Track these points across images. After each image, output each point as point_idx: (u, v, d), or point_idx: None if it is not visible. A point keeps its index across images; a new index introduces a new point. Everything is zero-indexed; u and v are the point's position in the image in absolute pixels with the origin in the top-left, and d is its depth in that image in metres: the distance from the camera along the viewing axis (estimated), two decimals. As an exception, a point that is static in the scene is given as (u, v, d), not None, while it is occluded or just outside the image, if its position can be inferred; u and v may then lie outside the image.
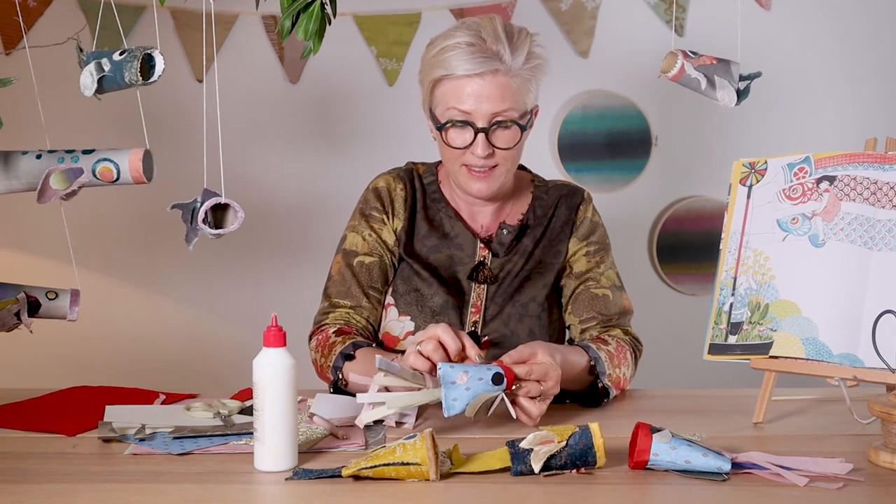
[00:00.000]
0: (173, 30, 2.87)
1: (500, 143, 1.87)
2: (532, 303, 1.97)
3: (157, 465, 1.50)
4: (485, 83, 1.83)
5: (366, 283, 1.97)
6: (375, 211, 2.00)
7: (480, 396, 1.55)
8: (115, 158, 1.63)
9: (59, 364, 2.91)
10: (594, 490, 1.40)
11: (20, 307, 1.74)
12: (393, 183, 2.02)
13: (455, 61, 1.83)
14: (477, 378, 1.56)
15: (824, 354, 1.59)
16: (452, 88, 1.86)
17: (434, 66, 1.87)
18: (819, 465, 1.45)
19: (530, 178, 2.07)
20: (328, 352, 1.88)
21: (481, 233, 2.00)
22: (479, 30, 1.85)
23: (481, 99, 1.84)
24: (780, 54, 2.98)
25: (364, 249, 1.99)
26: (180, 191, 1.85)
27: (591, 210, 2.04)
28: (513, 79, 1.84)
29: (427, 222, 2.00)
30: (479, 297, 1.96)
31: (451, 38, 1.85)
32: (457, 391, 1.56)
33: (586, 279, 1.98)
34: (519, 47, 1.85)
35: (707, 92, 1.68)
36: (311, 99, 2.97)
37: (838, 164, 1.67)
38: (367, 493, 1.38)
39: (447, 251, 1.98)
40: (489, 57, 1.82)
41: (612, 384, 1.82)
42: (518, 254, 1.99)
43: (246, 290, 3.01)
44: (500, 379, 1.57)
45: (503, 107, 1.85)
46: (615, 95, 2.98)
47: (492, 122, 1.85)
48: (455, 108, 1.86)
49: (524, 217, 2.01)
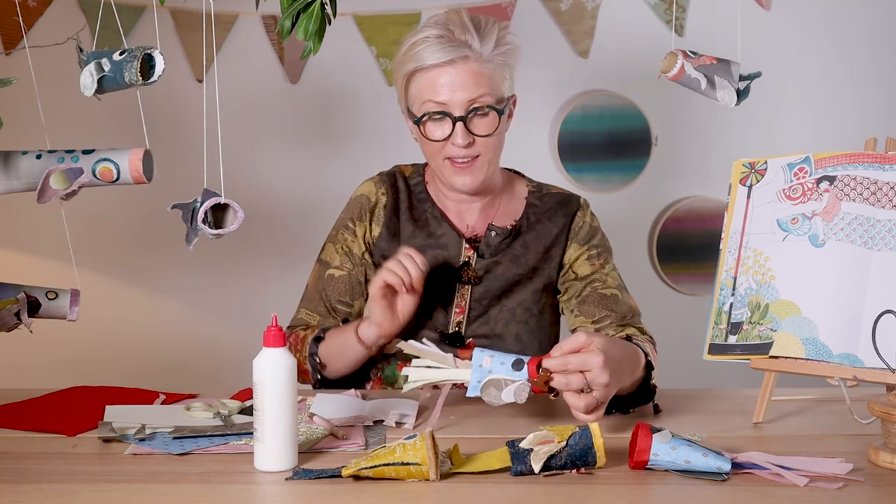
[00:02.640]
0: (173, 30, 2.87)
1: (479, 131, 1.87)
2: (520, 308, 1.97)
3: (157, 465, 1.50)
4: (457, 72, 1.84)
5: (334, 296, 2.00)
6: (350, 222, 2.03)
7: (492, 378, 1.55)
8: (115, 158, 1.63)
9: (59, 364, 2.91)
10: (594, 490, 1.40)
11: (20, 307, 1.74)
12: (374, 189, 2.03)
13: (425, 53, 1.85)
14: (499, 363, 1.57)
15: (824, 354, 1.59)
16: (426, 81, 1.87)
17: (405, 62, 1.89)
18: (819, 465, 1.45)
19: (525, 182, 2.06)
20: (301, 345, 1.92)
21: (467, 233, 2.00)
22: (446, 23, 1.87)
23: (455, 87, 1.85)
24: (780, 54, 2.98)
25: (335, 263, 2.02)
26: (180, 191, 1.85)
27: (589, 215, 2.04)
28: (485, 65, 1.85)
29: (412, 223, 2.00)
30: (463, 297, 1.96)
31: (420, 34, 1.88)
32: (481, 373, 1.57)
33: (592, 280, 1.98)
34: (487, 35, 1.86)
35: (707, 92, 1.68)
36: (311, 99, 2.97)
37: (838, 164, 1.67)
38: (367, 493, 1.38)
39: (432, 251, 1.98)
40: (458, 45, 1.84)
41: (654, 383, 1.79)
42: (508, 258, 1.98)
43: (246, 290, 3.01)
44: (520, 365, 1.56)
45: (478, 93, 1.85)
46: (615, 95, 2.98)
47: (468, 109, 1.86)
48: (430, 100, 1.87)
49: (517, 223, 2.00)
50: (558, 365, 1.55)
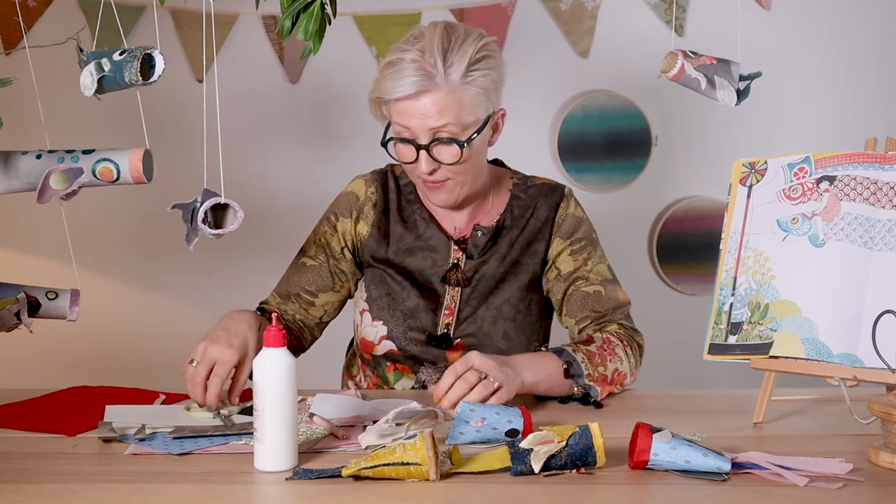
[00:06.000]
0: (173, 30, 2.87)
1: (443, 158, 1.86)
2: (506, 305, 1.96)
3: (157, 465, 1.50)
4: (421, 103, 1.82)
5: (298, 284, 2.02)
6: (333, 216, 2.03)
7: (419, 412, 1.62)
8: (115, 158, 1.63)
9: (59, 364, 2.91)
10: (594, 490, 1.40)
11: (20, 307, 1.74)
12: (365, 186, 2.03)
13: (390, 82, 1.82)
14: (491, 428, 1.56)
15: (824, 354, 1.59)
16: (394, 107, 1.85)
17: (376, 85, 1.87)
18: (819, 465, 1.45)
19: (510, 175, 2.05)
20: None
21: (455, 234, 1.99)
22: (422, 44, 1.83)
23: (418, 116, 1.82)
24: (780, 54, 2.98)
25: (310, 252, 2.03)
26: (180, 191, 1.85)
27: (573, 205, 2.02)
28: (451, 94, 1.81)
29: (402, 224, 2.00)
30: (452, 299, 1.96)
31: (397, 53, 1.84)
32: (466, 428, 1.57)
33: (575, 279, 1.97)
34: (457, 60, 1.81)
35: (707, 92, 1.68)
36: (311, 99, 2.97)
37: (838, 164, 1.67)
38: (367, 493, 1.38)
39: (421, 253, 1.98)
40: (424, 75, 1.80)
41: (596, 383, 1.80)
42: (493, 256, 1.98)
43: (246, 290, 2.99)
44: (514, 434, 1.56)
45: (441, 122, 1.82)
46: (615, 95, 2.98)
47: (432, 138, 1.84)
48: (398, 123, 1.86)
49: (500, 218, 1.99)
50: (450, 384, 1.66)
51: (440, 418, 1.65)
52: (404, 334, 1.95)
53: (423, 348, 1.95)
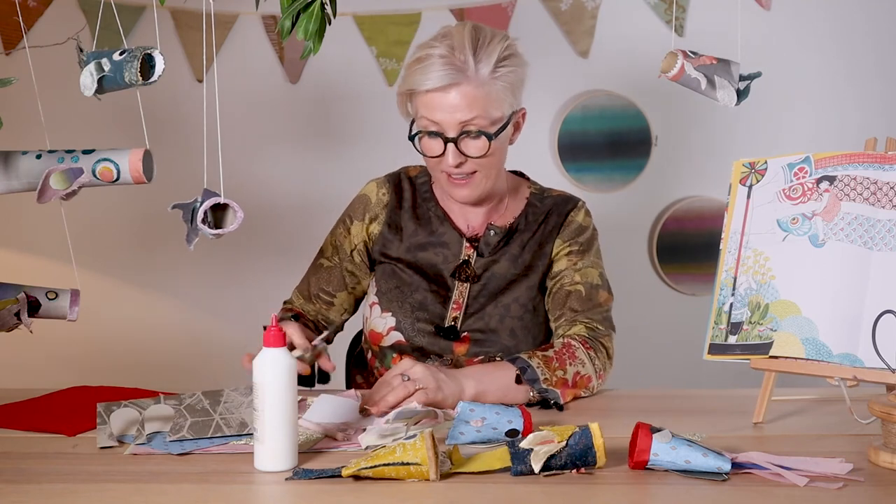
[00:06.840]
0: (173, 30, 2.87)
1: (470, 152, 1.89)
2: (515, 304, 1.98)
3: (157, 465, 1.50)
4: (451, 95, 1.86)
5: (317, 285, 2.09)
6: (347, 219, 2.09)
7: (419, 412, 1.63)
8: (115, 158, 1.63)
9: (59, 364, 2.91)
10: (594, 490, 1.40)
11: (20, 307, 1.74)
12: (375, 189, 2.08)
13: (420, 76, 1.86)
14: (491, 428, 1.57)
15: (824, 354, 1.59)
16: (422, 100, 1.89)
17: (406, 80, 1.91)
18: (819, 465, 1.45)
19: (528, 185, 2.08)
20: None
21: (468, 232, 2.02)
22: (451, 40, 1.87)
23: (449, 110, 1.86)
24: (780, 54, 2.98)
25: (327, 253, 2.10)
26: (180, 191, 1.85)
27: (583, 214, 2.05)
28: (480, 88, 1.86)
29: (415, 220, 2.04)
30: (461, 294, 1.99)
31: (425, 49, 1.89)
32: (466, 428, 1.57)
33: (561, 277, 1.99)
34: (488, 55, 1.86)
35: (707, 92, 1.68)
36: (311, 99, 2.97)
37: (838, 164, 1.67)
38: (367, 493, 1.38)
39: (433, 249, 2.02)
40: (454, 70, 1.84)
41: (555, 387, 1.80)
42: (505, 256, 2.00)
43: (246, 290, 3.01)
44: (514, 434, 1.56)
45: (470, 115, 1.86)
46: (615, 95, 2.98)
47: (460, 132, 1.87)
48: (426, 117, 1.89)
49: (515, 221, 2.02)
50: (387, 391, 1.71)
51: (440, 418, 1.65)
52: (412, 325, 1.98)
53: (430, 340, 1.97)
